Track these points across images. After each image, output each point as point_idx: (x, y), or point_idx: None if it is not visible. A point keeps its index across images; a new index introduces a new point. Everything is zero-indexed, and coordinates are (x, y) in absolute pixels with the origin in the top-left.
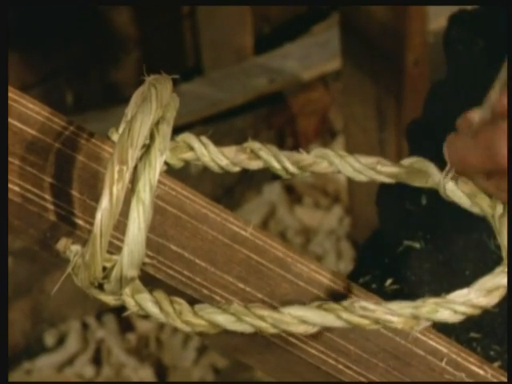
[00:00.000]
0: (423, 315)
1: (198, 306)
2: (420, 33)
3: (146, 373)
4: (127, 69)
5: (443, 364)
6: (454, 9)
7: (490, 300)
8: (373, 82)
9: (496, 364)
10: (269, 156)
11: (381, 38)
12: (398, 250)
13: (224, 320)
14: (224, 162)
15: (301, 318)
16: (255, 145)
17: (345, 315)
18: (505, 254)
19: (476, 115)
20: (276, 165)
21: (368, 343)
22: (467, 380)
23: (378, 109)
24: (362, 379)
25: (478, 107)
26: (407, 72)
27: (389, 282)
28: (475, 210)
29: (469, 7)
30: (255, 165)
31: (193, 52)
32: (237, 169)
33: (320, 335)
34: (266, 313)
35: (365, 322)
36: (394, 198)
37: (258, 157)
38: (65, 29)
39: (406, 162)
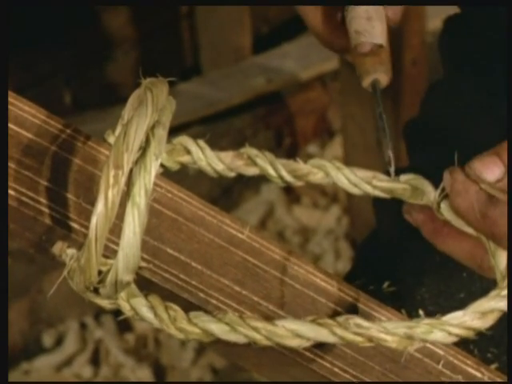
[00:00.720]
0: (417, 335)
1: (192, 314)
2: (418, 32)
3: (145, 373)
4: (125, 69)
5: (440, 367)
6: (452, 9)
7: (485, 323)
8: None
9: (493, 366)
10: (265, 163)
11: None
12: (395, 251)
13: (218, 329)
14: (220, 167)
15: (295, 332)
16: (252, 151)
17: (339, 331)
18: (499, 276)
19: (488, 174)
20: (272, 172)
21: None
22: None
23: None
24: (357, 382)
25: (486, 157)
26: (405, 72)
27: (386, 284)
28: (469, 230)
29: (464, 9)
30: (251, 171)
31: (191, 52)
32: (233, 174)
33: None
34: (260, 324)
35: (358, 339)
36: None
37: (255, 163)
38: (63, 29)
39: (403, 178)
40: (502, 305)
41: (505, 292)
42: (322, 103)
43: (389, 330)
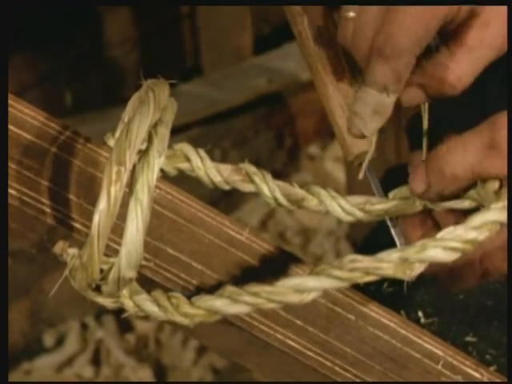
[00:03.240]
0: (412, 256)
1: (194, 298)
2: None
3: (145, 373)
4: (126, 69)
5: (439, 367)
6: None
7: (480, 233)
8: None
9: (491, 368)
10: (261, 183)
11: None
12: None
13: (220, 304)
14: (217, 179)
15: (294, 287)
16: (251, 168)
17: (335, 272)
18: (490, 197)
19: (416, 189)
20: (267, 192)
21: (365, 346)
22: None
23: None
24: (359, 381)
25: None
26: None
27: (385, 285)
28: (466, 204)
29: None
30: (247, 188)
31: (192, 52)
32: (228, 187)
33: (317, 337)
34: (259, 288)
35: (356, 275)
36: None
37: (252, 181)
38: (64, 29)
39: (391, 194)
40: (495, 215)
41: (496, 205)
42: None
43: (382, 258)
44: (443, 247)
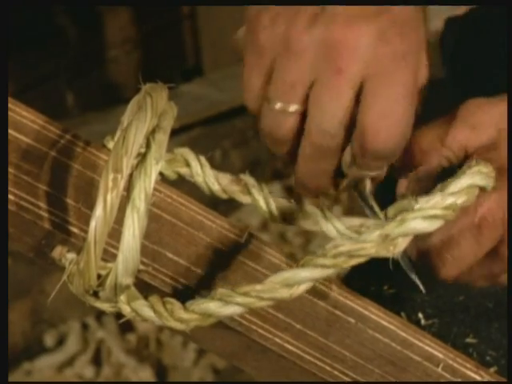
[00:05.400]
0: (392, 231)
1: (188, 302)
2: None
3: (146, 373)
4: (127, 70)
5: (439, 370)
6: (453, 9)
7: (458, 198)
8: None
9: (492, 369)
10: (259, 196)
11: None
12: None
13: (213, 307)
14: (215, 187)
15: (283, 282)
16: (250, 180)
17: (320, 261)
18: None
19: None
20: (263, 206)
21: (364, 349)
22: None
23: None
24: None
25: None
26: None
27: (386, 286)
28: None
29: (465, 9)
30: (245, 199)
31: (193, 53)
32: (225, 197)
33: (316, 341)
34: (249, 288)
35: (340, 260)
36: (390, 198)
37: (249, 193)
38: (64, 29)
39: (389, 210)
40: (470, 178)
41: (471, 170)
42: None
43: (364, 238)
44: (423, 217)
